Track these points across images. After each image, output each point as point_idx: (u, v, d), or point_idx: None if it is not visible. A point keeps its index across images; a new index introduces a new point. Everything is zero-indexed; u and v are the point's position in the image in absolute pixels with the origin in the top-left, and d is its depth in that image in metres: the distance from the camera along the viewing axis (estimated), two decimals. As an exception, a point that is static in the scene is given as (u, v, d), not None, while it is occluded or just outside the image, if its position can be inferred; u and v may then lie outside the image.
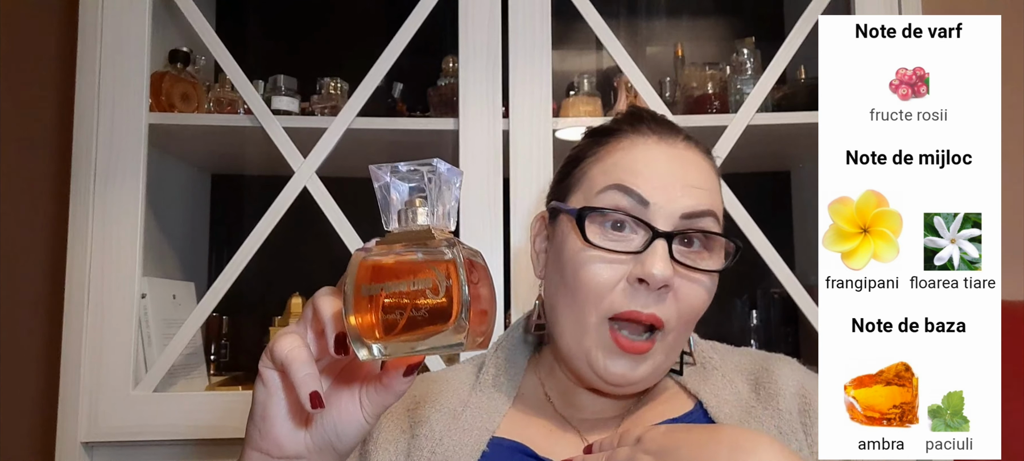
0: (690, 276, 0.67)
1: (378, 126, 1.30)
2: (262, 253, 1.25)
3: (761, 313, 1.52)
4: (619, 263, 0.66)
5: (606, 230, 0.67)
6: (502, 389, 0.75)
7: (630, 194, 0.67)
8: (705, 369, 0.75)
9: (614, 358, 0.67)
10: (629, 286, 0.66)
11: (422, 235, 0.50)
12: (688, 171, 0.69)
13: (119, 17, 1.24)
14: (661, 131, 0.71)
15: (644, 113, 0.74)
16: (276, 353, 0.52)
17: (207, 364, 1.40)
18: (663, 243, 0.65)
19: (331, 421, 0.54)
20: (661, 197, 0.66)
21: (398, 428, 0.72)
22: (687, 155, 0.70)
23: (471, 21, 1.26)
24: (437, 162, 0.50)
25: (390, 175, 0.51)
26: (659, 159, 0.69)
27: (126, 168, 1.22)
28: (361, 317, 0.48)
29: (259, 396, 0.54)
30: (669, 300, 0.66)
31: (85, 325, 1.19)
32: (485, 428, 0.70)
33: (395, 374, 0.52)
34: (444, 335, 0.47)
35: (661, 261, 0.64)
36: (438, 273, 0.48)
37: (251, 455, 0.55)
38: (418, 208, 0.51)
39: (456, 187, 0.52)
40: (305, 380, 0.50)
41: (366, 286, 0.48)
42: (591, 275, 0.67)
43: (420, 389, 0.76)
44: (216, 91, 1.39)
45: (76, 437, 1.17)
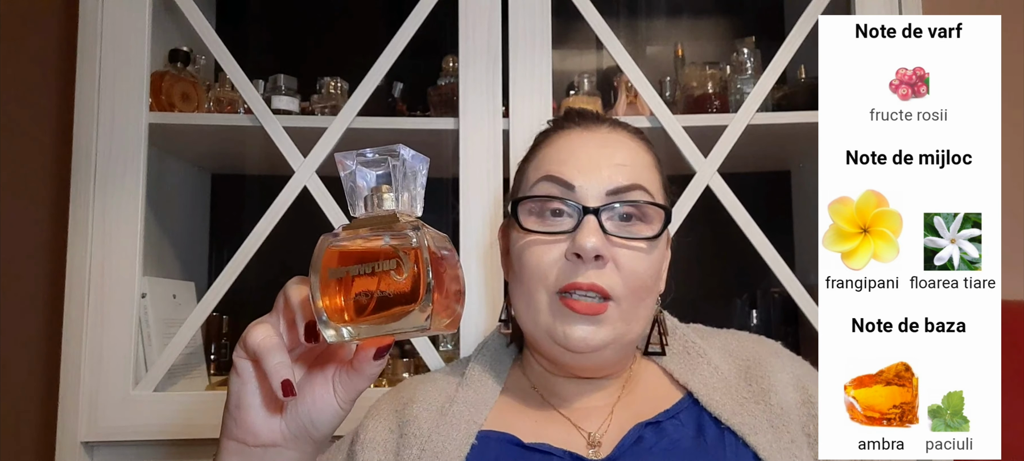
0: (628, 245, 0.70)
1: (378, 126, 1.30)
2: (262, 253, 1.25)
3: (761, 313, 1.52)
4: (556, 243, 0.70)
5: (544, 217, 0.72)
6: (488, 384, 0.76)
7: (556, 181, 0.71)
8: (689, 355, 0.77)
9: (572, 324, 0.69)
10: (568, 262, 0.69)
11: (387, 220, 0.51)
12: (611, 151, 0.73)
13: (119, 17, 1.24)
14: (585, 123, 0.77)
15: (572, 112, 0.79)
16: (248, 343, 0.53)
17: (207, 364, 1.40)
18: (592, 218, 0.69)
19: (306, 408, 0.55)
20: (585, 178, 0.70)
21: (386, 428, 0.73)
22: (611, 137, 0.75)
23: (471, 21, 1.26)
24: (401, 148, 0.51)
25: (356, 162, 0.52)
26: (582, 146, 0.74)
27: (126, 168, 1.22)
28: (328, 300, 0.49)
29: (233, 386, 0.55)
30: (610, 270, 0.69)
31: (85, 325, 1.19)
32: (473, 421, 0.71)
33: (365, 357, 0.54)
34: (410, 317, 0.48)
35: (592, 234, 0.68)
36: (403, 256, 0.49)
37: (227, 445, 0.56)
38: (384, 194, 0.52)
39: (422, 173, 0.53)
40: (277, 369, 0.51)
41: (332, 270, 0.50)
42: (532, 257, 0.71)
43: (408, 390, 0.77)
44: (216, 91, 1.39)
45: (76, 437, 1.17)
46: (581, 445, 0.70)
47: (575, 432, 0.71)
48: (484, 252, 1.22)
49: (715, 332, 0.81)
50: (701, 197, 1.25)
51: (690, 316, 0.83)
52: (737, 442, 0.68)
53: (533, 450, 0.69)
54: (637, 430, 0.70)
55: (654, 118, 1.27)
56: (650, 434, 0.69)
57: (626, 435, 0.69)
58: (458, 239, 1.23)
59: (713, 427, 0.70)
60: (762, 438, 0.68)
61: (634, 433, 0.69)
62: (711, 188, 1.25)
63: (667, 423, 0.70)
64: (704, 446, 0.69)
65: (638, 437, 0.69)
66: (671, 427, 0.70)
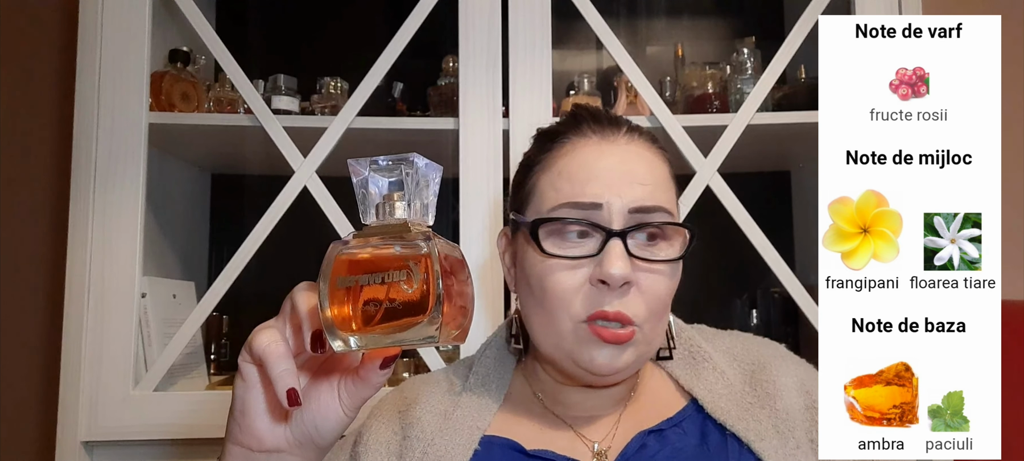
0: (651, 268, 0.68)
1: (378, 126, 1.30)
2: (262, 253, 1.25)
3: (761, 313, 1.52)
4: (580, 267, 0.67)
5: (563, 239, 0.68)
6: (491, 389, 0.75)
7: (580, 206, 0.67)
8: (694, 360, 0.76)
9: (597, 350, 0.67)
10: (593, 288, 0.66)
11: (398, 229, 0.50)
12: (634, 167, 0.69)
13: (119, 17, 1.24)
14: (602, 129, 0.72)
15: (584, 112, 0.74)
16: (254, 347, 0.52)
17: (207, 364, 1.40)
18: (618, 242, 0.66)
19: (310, 415, 0.55)
20: (608, 196, 0.67)
21: (389, 430, 0.72)
22: (630, 150, 0.71)
23: (471, 21, 1.26)
24: (415, 157, 0.50)
25: (369, 169, 0.51)
26: (602, 159, 0.69)
27: (126, 168, 1.22)
28: (337, 309, 0.49)
29: (238, 391, 0.55)
30: (634, 295, 0.67)
31: (85, 325, 1.19)
32: (476, 426, 0.71)
33: (372, 367, 0.53)
34: (419, 328, 0.48)
35: (619, 260, 0.65)
36: (413, 266, 0.48)
37: (232, 450, 0.56)
38: (396, 202, 0.51)
39: (434, 182, 0.52)
40: (282, 376, 0.50)
41: (342, 278, 0.49)
42: (555, 284, 0.67)
43: (411, 392, 0.76)
44: (216, 91, 1.39)
45: (76, 437, 1.17)
46: (585, 453, 0.70)
47: (578, 440, 0.71)
48: (484, 253, 1.22)
49: (719, 334, 0.80)
50: (701, 197, 1.25)
51: (691, 317, 0.83)
52: (741, 448, 0.68)
53: (536, 457, 0.69)
54: (640, 438, 0.69)
55: (654, 118, 1.27)
56: (653, 442, 0.69)
57: (629, 443, 0.69)
58: (457, 239, 1.23)
59: (717, 434, 0.69)
60: (768, 444, 0.67)
61: (637, 441, 0.69)
62: (711, 188, 1.25)
63: (670, 431, 0.70)
64: (707, 453, 0.68)
65: (641, 444, 0.69)
66: (674, 435, 0.70)
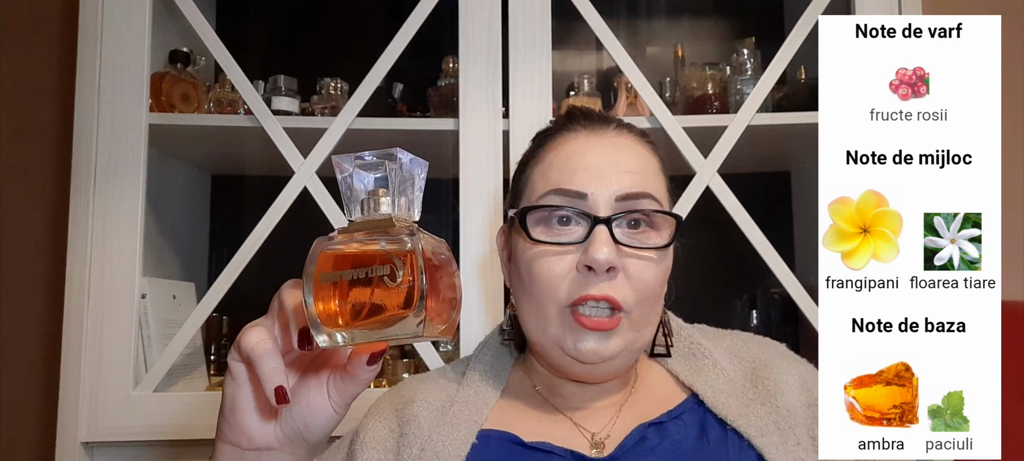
0: (638, 255, 0.69)
1: (378, 126, 1.30)
2: (262, 253, 1.25)
3: (761, 313, 1.52)
4: (567, 254, 0.68)
5: (552, 226, 0.70)
6: (489, 384, 0.76)
7: (566, 193, 0.69)
8: (695, 357, 0.76)
9: (582, 337, 0.68)
10: (579, 274, 0.68)
11: (383, 224, 0.50)
12: (620, 157, 0.71)
13: (119, 17, 1.24)
14: (592, 125, 0.74)
15: (577, 111, 0.77)
16: (243, 346, 0.52)
17: (207, 364, 1.40)
18: (603, 228, 0.67)
19: (300, 412, 0.55)
20: (595, 185, 0.69)
21: (387, 427, 0.73)
22: (618, 142, 0.73)
23: (471, 21, 1.26)
24: (399, 152, 0.51)
25: (354, 165, 0.51)
26: (590, 150, 0.71)
27: (126, 168, 1.22)
28: (322, 305, 0.49)
29: (228, 389, 0.55)
30: (621, 281, 0.68)
31: (85, 325, 1.19)
32: (473, 421, 0.71)
33: (359, 362, 0.53)
34: (404, 322, 0.48)
35: (604, 245, 0.66)
36: (398, 261, 0.48)
37: (222, 447, 0.56)
38: (381, 198, 0.51)
39: (420, 177, 0.52)
40: (270, 374, 0.51)
41: (326, 274, 0.49)
42: (542, 269, 0.69)
43: (408, 390, 0.77)
44: (216, 91, 1.39)
45: (76, 437, 1.17)
46: (583, 445, 0.70)
47: (577, 432, 0.71)
48: (484, 253, 1.22)
49: (720, 333, 0.81)
50: (701, 197, 1.25)
51: (691, 316, 0.83)
52: (741, 443, 0.68)
53: (534, 449, 0.69)
54: (640, 430, 0.70)
55: (654, 119, 1.27)
56: (653, 434, 0.69)
57: (628, 435, 0.69)
58: (458, 240, 1.23)
59: (717, 428, 0.70)
60: (768, 440, 0.68)
61: (637, 433, 0.69)
62: (711, 189, 1.25)
63: (670, 424, 0.70)
64: (707, 447, 0.69)
65: (641, 437, 0.69)
66: (674, 428, 0.70)
